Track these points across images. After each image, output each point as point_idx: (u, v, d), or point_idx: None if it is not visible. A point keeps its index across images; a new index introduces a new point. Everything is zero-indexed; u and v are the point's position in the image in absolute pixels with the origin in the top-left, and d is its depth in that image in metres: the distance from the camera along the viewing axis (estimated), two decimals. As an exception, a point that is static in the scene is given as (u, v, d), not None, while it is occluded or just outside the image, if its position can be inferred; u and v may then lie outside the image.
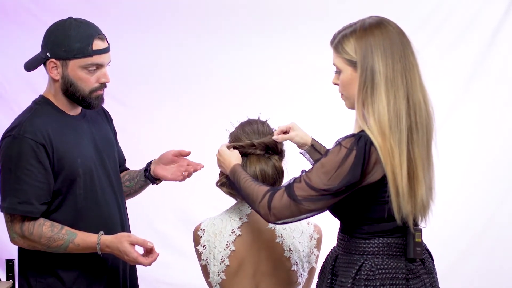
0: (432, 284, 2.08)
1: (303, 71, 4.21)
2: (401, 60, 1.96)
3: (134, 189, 2.61)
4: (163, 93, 4.28)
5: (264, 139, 2.28)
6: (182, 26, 4.25)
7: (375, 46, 1.96)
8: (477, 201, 4.18)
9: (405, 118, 1.93)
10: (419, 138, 1.96)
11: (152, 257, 2.31)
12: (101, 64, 2.33)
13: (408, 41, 2.01)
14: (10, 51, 4.07)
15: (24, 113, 2.37)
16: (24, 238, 2.30)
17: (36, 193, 2.27)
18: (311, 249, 2.31)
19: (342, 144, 1.95)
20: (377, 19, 2.01)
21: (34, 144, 2.27)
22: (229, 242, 2.24)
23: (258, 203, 2.02)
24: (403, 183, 1.93)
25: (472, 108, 4.21)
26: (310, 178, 1.96)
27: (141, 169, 2.61)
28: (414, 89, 1.97)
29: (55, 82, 2.36)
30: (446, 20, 4.21)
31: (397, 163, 1.92)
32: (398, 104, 1.93)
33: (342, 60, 2.00)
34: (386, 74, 1.94)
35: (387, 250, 2.01)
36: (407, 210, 1.95)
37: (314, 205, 1.96)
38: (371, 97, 1.94)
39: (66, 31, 2.30)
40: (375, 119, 1.93)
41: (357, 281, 2.00)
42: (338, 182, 1.93)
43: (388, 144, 1.92)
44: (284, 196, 1.98)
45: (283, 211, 1.98)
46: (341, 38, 2.00)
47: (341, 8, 4.13)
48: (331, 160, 1.94)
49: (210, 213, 2.40)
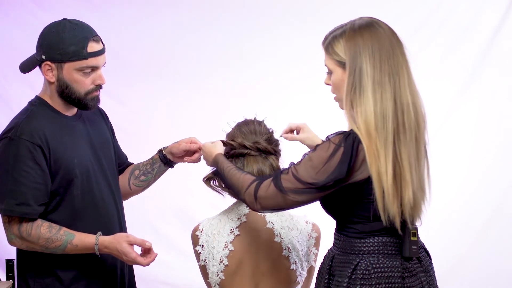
0: (430, 282, 2.08)
1: (300, 71, 4.21)
2: (389, 61, 1.97)
3: (152, 180, 2.61)
4: (160, 92, 4.28)
5: (258, 140, 2.28)
6: (180, 25, 4.26)
7: (364, 48, 1.97)
8: (476, 202, 4.18)
9: (391, 119, 1.94)
10: (407, 139, 1.96)
11: (151, 257, 2.31)
12: (96, 66, 2.33)
13: (399, 42, 2.01)
14: (10, 51, 4.07)
15: (20, 114, 2.36)
16: (22, 240, 2.30)
17: (33, 194, 2.27)
18: (310, 248, 2.31)
19: (331, 140, 1.97)
20: (367, 20, 2.03)
21: (31, 146, 2.27)
22: (228, 242, 2.24)
23: (244, 191, 2.04)
24: (388, 184, 1.94)
25: (472, 108, 4.21)
26: (297, 171, 1.98)
27: (152, 161, 2.59)
28: (402, 90, 1.97)
29: (50, 84, 2.35)
30: (446, 20, 4.21)
31: (382, 163, 1.93)
32: (385, 105, 1.95)
33: (332, 61, 2.02)
34: (374, 76, 1.95)
35: (383, 249, 2.02)
36: (393, 211, 1.96)
37: (300, 197, 1.98)
38: (359, 98, 1.96)
39: (61, 34, 2.29)
40: (362, 120, 1.94)
41: (353, 280, 2.01)
42: (325, 178, 1.95)
43: (373, 145, 1.93)
44: (270, 186, 2.00)
45: (269, 201, 2.00)
46: (331, 39, 2.02)
47: (340, 9, 4.13)
48: (320, 155, 1.96)
49: (209, 213, 2.40)
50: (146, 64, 4.26)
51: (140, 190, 2.62)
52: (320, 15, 4.16)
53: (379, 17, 2.08)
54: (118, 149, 2.63)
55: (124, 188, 2.60)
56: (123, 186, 2.60)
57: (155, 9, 4.27)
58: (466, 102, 4.21)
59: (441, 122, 4.17)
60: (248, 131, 2.30)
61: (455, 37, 4.21)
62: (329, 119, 3.94)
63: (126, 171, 2.63)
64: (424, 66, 4.06)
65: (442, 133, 4.13)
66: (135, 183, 2.60)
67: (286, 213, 2.30)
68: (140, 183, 2.60)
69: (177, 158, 2.56)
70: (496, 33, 4.16)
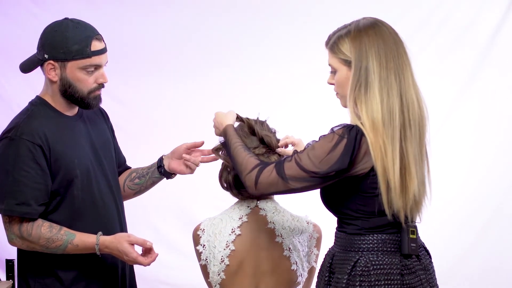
0: (429, 280, 2.10)
1: (302, 71, 4.22)
2: (394, 59, 2.01)
3: (145, 185, 2.59)
4: (161, 92, 4.28)
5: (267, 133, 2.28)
6: (181, 25, 4.26)
7: (369, 46, 2.01)
8: (476, 202, 4.18)
9: (398, 115, 1.98)
10: (412, 135, 2.00)
11: (152, 257, 2.31)
12: (99, 64, 2.33)
13: (401, 41, 2.05)
14: (10, 51, 4.07)
15: (21, 114, 2.36)
16: (23, 239, 2.30)
17: (33, 194, 2.27)
18: (311, 249, 2.31)
19: (335, 131, 2.00)
20: (371, 20, 2.06)
21: (31, 146, 2.27)
22: (229, 242, 2.24)
23: (246, 174, 2.06)
24: (395, 178, 1.97)
25: (472, 108, 4.21)
26: (301, 159, 2.00)
27: (151, 165, 2.59)
28: (407, 87, 2.01)
29: (52, 84, 2.35)
30: (445, 20, 4.22)
31: (389, 158, 1.96)
32: (392, 101, 1.98)
33: (337, 60, 2.05)
34: (380, 73, 1.99)
35: (382, 246, 2.04)
36: (398, 205, 1.99)
37: (300, 185, 2.00)
38: (365, 95, 1.99)
39: (64, 33, 2.29)
40: (368, 116, 1.97)
41: (352, 277, 2.03)
42: (327, 167, 1.97)
43: (380, 140, 1.96)
44: (273, 173, 2.02)
45: (269, 187, 2.02)
46: (336, 38, 2.05)
47: (340, 9, 4.13)
48: (323, 145, 1.99)
49: (210, 213, 2.40)
50: (147, 64, 4.26)
51: (132, 193, 2.60)
52: (320, 15, 4.16)
53: (379, 17, 2.11)
54: (118, 149, 2.62)
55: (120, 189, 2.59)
56: None
57: (156, 9, 4.26)
58: (466, 102, 4.21)
59: (441, 122, 4.17)
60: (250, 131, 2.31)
61: (455, 37, 4.21)
62: (330, 118, 3.96)
63: (124, 173, 2.62)
64: (424, 66, 4.06)
65: (442, 133, 4.13)
66: (128, 185, 2.59)
67: (287, 214, 2.30)
68: (133, 185, 2.59)
69: (180, 164, 2.52)
70: (496, 33, 4.16)
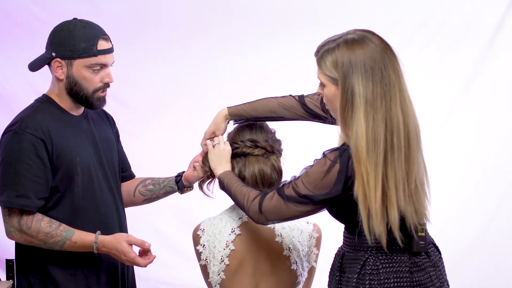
0: (439, 277, 2.10)
1: (299, 74, 4.20)
2: (381, 80, 1.94)
3: (156, 193, 2.60)
4: (164, 94, 4.28)
5: (256, 138, 2.28)
6: (183, 28, 4.26)
7: (356, 66, 1.94)
8: (476, 202, 4.18)
9: (382, 141, 1.93)
10: (394, 160, 1.95)
11: (149, 258, 2.33)
12: (105, 64, 2.36)
13: (392, 55, 1.98)
14: (10, 51, 4.07)
15: (26, 109, 2.39)
16: (22, 233, 2.31)
17: (34, 187, 2.29)
18: (311, 248, 2.31)
19: (327, 156, 1.99)
20: (360, 35, 1.99)
21: (34, 139, 2.29)
22: (229, 242, 2.24)
23: (249, 204, 2.07)
24: (376, 206, 1.94)
25: (472, 109, 4.20)
26: (297, 185, 2.02)
27: (169, 176, 2.60)
28: (393, 110, 1.95)
29: (59, 82, 2.38)
30: (445, 20, 4.21)
31: (371, 186, 1.93)
32: (376, 127, 1.93)
33: (325, 76, 2.00)
34: (366, 97, 1.93)
35: (391, 245, 2.03)
36: (379, 230, 1.97)
37: (300, 208, 2.01)
38: (351, 119, 1.95)
39: (72, 32, 2.33)
40: (353, 143, 1.94)
41: (362, 276, 2.03)
42: (321, 193, 1.98)
43: (363, 168, 1.93)
44: (274, 196, 2.03)
45: (273, 212, 2.03)
46: (323, 53, 2.00)
47: (341, 9, 4.11)
48: (316, 171, 1.99)
49: (210, 213, 2.40)
50: (150, 67, 4.27)
51: (141, 200, 2.61)
52: (319, 15, 4.15)
53: (379, 18, 2.07)
54: (123, 154, 2.63)
55: (128, 194, 2.60)
56: (127, 192, 2.60)
57: (159, 13, 4.26)
58: (466, 102, 4.21)
59: (441, 122, 4.17)
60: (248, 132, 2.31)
61: (455, 37, 4.20)
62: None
63: (137, 179, 2.63)
64: (424, 66, 4.06)
65: (442, 133, 4.13)
66: (140, 191, 2.60)
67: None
68: (145, 191, 2.59)
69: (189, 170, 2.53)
70: (496, 33, 4.16)
